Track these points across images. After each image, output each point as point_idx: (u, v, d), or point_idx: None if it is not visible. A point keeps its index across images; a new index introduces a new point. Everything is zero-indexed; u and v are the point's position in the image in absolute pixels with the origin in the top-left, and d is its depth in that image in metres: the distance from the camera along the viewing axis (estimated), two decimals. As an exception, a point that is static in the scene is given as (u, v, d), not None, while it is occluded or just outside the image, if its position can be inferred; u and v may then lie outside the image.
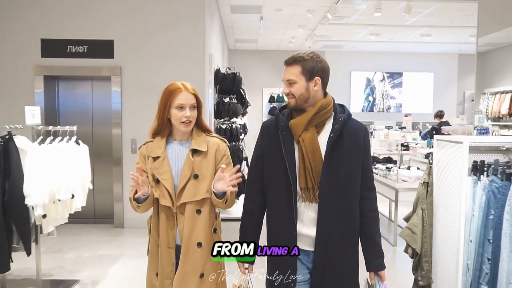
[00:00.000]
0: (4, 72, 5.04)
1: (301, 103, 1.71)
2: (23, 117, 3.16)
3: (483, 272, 1.99)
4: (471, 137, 2.48)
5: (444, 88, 11.85)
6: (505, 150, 2.09)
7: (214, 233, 1.88)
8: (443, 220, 2.24)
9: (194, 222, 1.82)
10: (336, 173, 1.67)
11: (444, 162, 2.23)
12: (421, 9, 7.01)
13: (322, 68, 1.71)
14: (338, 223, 1.68)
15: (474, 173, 2.08)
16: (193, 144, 1.84)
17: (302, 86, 1.69)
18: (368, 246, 1.78)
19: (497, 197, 1.94)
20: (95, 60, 5.07)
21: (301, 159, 1.68)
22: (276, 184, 1.73)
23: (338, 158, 1.67)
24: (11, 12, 5.03)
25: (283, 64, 1.74)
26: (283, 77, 1.74)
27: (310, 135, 1.68)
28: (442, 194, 2.24)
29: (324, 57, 1.74)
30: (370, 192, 1.78)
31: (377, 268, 1.76)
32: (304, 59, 1.69)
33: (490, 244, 1.96)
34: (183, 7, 5.12)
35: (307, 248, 1.71)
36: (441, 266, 2.27)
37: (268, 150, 1.77)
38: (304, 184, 1.67)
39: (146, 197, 1.77)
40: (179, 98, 1.79)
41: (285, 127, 1.71)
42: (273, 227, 1.76)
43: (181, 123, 1.80)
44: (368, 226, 1.76)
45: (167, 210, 1.83)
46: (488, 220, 1.97)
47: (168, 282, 1.83)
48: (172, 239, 1.83)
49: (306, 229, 1.70)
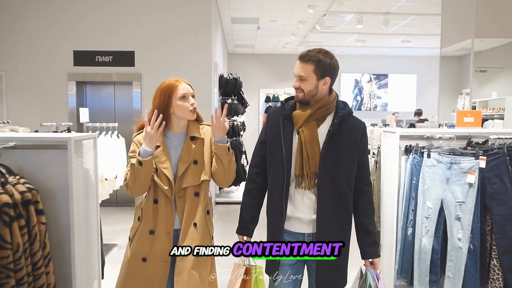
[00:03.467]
0: (44, 78, 5.97)
1: (309, 98, 1.78)
2: (60, 114, 4.10)
3: (409, 219, 2.96)
4: (402, 129, 3.43)
5: (426, 89, 12.86)
6: (426, 138, 3.07)
7: (207, 215, 1.95)
8: (386, 187, 3.22)
9: (192, 204, 1.88)
10: (333, 164, 1.75)
11: (387, 146, 3.21)
12: (398, 21, 7.99)
13: (333, 69, 1.79)
14: (334, 212, 1.78)
15: (406, 153, 3.05)
16: (190, 132, 1.93)
17: (312, 84, 1.76)
18: (363, 236, 1.87)
19: (417, 168, 2.92)
20: (119, 68, 6.02)
21: (299, 148, 1.76)
22: (274, 169, 1.84)
23: (335, 151, 1.76)
24: (50, 28, 5.96)
25: (297, 58, 1.80)
26: (295, 71, 1.79)
27: (311, 127, 1.76)
28: (385, 168, 3.22)
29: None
30: (366, 186, 1.88)
31: (371, 256, 1.86)
32: (319, 58, 1.75)
33: (413, 200, 2.94)
34: (192, 22, 6.07)
35: (297, 230, 1.81)
36: (385, 217, 3.23)
37: (271, 136, 1.87)
38: (300, 172, 1.76)
39: (151, 152, 1.79)
40: (179, 89, 1.87)
41: (287, 116, 1.80)
42: (269, 208, 1.88)
43: (189, 111, 1.88)
44: (363, 217, 1.86)
45: (166, 198, 1.87)
46: (412, 184, 2.95)
47: (165, 264, 1.86)
48: (171, 224, 1.88)
49: (298, 213, 1.80)
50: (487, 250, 2.81)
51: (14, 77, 5.95)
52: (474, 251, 2.74)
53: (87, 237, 1.96)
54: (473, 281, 2.75)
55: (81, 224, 1.89)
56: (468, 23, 5.52)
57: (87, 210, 1.97)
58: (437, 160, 2.82)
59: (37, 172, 1.81)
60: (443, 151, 2.83)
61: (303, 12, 7.38)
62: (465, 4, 5.54)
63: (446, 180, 2.79)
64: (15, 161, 1.79)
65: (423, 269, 2.82)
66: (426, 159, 2.84)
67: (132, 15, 6.01)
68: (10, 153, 1.78)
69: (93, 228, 2.05)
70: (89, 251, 1.99)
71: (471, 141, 3.00)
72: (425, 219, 2.82)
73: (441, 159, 2.80)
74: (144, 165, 1.76)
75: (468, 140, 3.01)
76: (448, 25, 6.19)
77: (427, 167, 2.83)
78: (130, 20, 6.03)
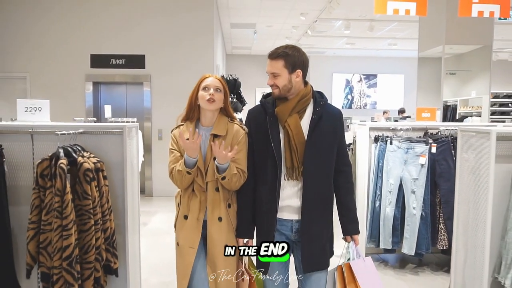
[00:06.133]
0: (64, 79, 6.68)
1: (284, 92, 1.85)
2: (78, 111, 4.81)
3: (376, 194, 3.71)
4: (372, 123, 4.18)
5: (413, 88, 13.56)
6: (391, 129, 3.81)
7: (228, 208, 1.98)
8: (359, 169, 3.97)
9: (214, 198, 1.95)
10: (317, 151, 1.83)
11: (360, 136, 3.96)
12: (383, 26, 8.75)
13: (302, 61, 1.85)
14: (319, 194, 1.86)
15: (375, 142, 3.80)
16: (214, 129, 1.97)
17: (285, 78, 1.83)
18: (344, 213, 1.94)
19: (382, 153, 3.66)
20: (131, 70, 6.74)
21: (287, 141, 1.83)
22: (264, 165, 1.88)
23: (318, 137, 1.83)
24: (70, 34, 6.67)
25: (267, 57, 1.88)
26: (268, 69, 1.87)
27: (294, 120, 1.82)
28: (359, 154, 3.97)
29: (309, 60, 1.91)
30: (345, 167, 1.96)
31: (352, 233, 1.94)
32: (287, 54, 1.82)
33: (380, 178, 3.69)
34: (196, 28, 6.79)
35: (287, 217, 1.89)
36: (359, 194, 3.96)
37: (255, 134, 1.92)
38: (290, 164, 1.83)
39: (195, 161, 1.89)
40: (205, 81, 1.97)
41: (271, 114, 1.86)
42: (260, 202, 1.92)
43: (206, 101, 1.93)
44: (344, 195, 1.94)
45: (199, 187, 1.96)
46: (379, 166, 3.69)
47: (192, 251, 1.94)
48: (202, 212, 1.96)
49: (287, 201, 1.87)
50: (437, 217, 3.59)
51: (37, 78, 6.65)
52: (425, 217, 3.50)
53: (132, 197, 2.68)
54: (425, 241, 3.52)
55: (129, 188, 2.61)
56: (439, 31, 6.28)
57: (132, 178, 2.68)
58: (397, 146, 3.57)
59: (99, 150, 2.52)
60: (402, 139, 3.59)
61: (296, 19, 8.12)
62: (437, 14, 6.30)
63: (404, 162, 3.55)
64: (83, 142, 2.51)
65: (387, 232, 3.58)
66: (389, 146, 3.60)
67: (142, 23, 6.73)
68: (79, 137, 2.50)
69: (135, 191, 2.76)
70: (133, 207, 2.71)
71: (427, 132, 3.77)
72: (388, 193, 3.58)
73: (400, 146, 3.56)
74: (192, 173, 1.91)
75: (424, 131, 3.77)
76: (423, 32, 6.96)
77: (389, 152, 3.59)
78: (141, 27, 6.75)
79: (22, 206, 2.49)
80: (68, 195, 2.14)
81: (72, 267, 2.13)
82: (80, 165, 2.25)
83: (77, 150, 2.38)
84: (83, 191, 2.24)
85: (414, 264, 3.90)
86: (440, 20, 6.24)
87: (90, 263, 2.28)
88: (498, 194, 2.10)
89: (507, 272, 1.99)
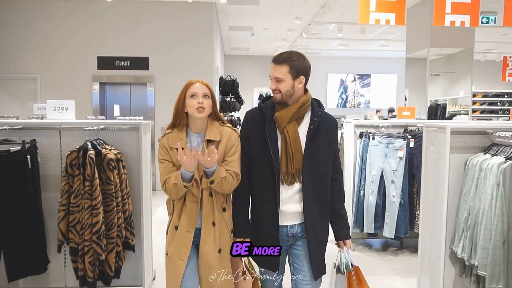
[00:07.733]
0: (72, 80, 7.09)
1: (286, 98, 1.85)
2: (86, 110, 5.25)
3: (361, 184, 4.14)
4: (357, 120, 4.61)
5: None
6: (375, 126, 4.24)
7: (223, 212, 1.96)
8: (346, 162, 4.40)
9: (208, 204, 1.93)
10: (314, 159, 1.85)
11: (347, 133, 4.39)
12: (374, 29, 9.18)
13: (306, 68, 1.86)
14: (317, 201, 1.89)
15: (360, 137, 4.23)
16: (207, 134, 1.94)
17: (288, 84, 1.82)
18: (335, 219, 1.98)
19: (366, 147, 4.09)
20: (135, 71, 7.15)
21: (284, 147, 1.84)
22: (261, 170, 1.88)
23: (315, 146, 1.85)
24: (77, 37, 7.08)
25: (271, 62, 1.87)
26: (271, 74, 1.86)
27: (293, 127, 1.84)
28: (346, 149, 4.40)
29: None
30: (337, 174, 2.00)
31: (343, 238, 1.98)
32: (291, 59, 1.82)
33: (364, 170, 4.12)
34: (197, 31, 7.21)
35: (285, 223, 1.89)
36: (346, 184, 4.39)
37: (253, 138, 1.92)
38: (285, 169, 1.84)
39: (192, 175, 1.84)
40: (192, 88, 1.93)
41: (270, 119, 1.85)
42: (259, 208, 1.92)
43: (195, 109, 1.88)
44: (335, 201, 1.97)
45: (192, 196, 1.92)
46: (363, 159, 4.12)
47: (181, 263, 1.91)
48: (193, 223, 1.93)
49: (285, 206, 1.87)
50: (414, 204, 4.02)
51: (47, 78, 7.06)
52: (404, 204, 3.94)
53: (146, 184, 3.10)
54: (403, 226, 3.96)
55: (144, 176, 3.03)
56: (425, 35, 6.72)
57: (146, 168, 3.11)
58: (379, 141, 4.01)
59: (117, 144, 2.95)
60: (383, 135, 4.02)
61: (291, 22, 8.54)
62: (423, 19, 6.73)
63: (384, 155, 3.98)
64: (104, 137, 2.93)
65: (370, 218, 4.01)
66: (371, 141, 4.03)
67: (146, 27, 7.14)
68: (101, 133, 2.92)
69: (148, 179, 3.19)
70: (147, 193, 3.13)
71: (406, 128, 4.20)
72: (371, 183, 4.01)
73: (381, 141, 4.00)
74: (189, 186, 1.87)
75: (404, 128, 4.21)
76: (411, 35, 7.40)
77: (372, 146, 4.02)
78: (144, 31, 7.16)
79: (51, 192, 2.92)
80: (97, 180, 2.57)
81: (101, 240, 2.56)
82: (104, 155, 2.67)
83: (100, 143, 2.80)
84: (107, 178, 2.67)
85: (395, 247, 4.35)
86: (425, 24, 6.68)
87: (112, 239, 2.71)
88: (453, 180, 2.53)
89: (459, 242, 2.42)
